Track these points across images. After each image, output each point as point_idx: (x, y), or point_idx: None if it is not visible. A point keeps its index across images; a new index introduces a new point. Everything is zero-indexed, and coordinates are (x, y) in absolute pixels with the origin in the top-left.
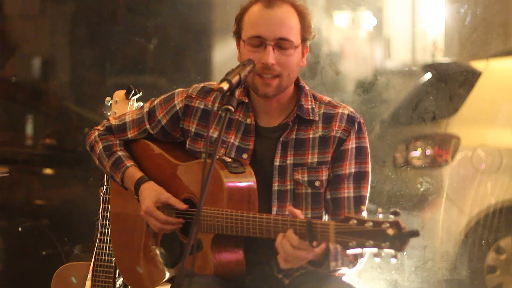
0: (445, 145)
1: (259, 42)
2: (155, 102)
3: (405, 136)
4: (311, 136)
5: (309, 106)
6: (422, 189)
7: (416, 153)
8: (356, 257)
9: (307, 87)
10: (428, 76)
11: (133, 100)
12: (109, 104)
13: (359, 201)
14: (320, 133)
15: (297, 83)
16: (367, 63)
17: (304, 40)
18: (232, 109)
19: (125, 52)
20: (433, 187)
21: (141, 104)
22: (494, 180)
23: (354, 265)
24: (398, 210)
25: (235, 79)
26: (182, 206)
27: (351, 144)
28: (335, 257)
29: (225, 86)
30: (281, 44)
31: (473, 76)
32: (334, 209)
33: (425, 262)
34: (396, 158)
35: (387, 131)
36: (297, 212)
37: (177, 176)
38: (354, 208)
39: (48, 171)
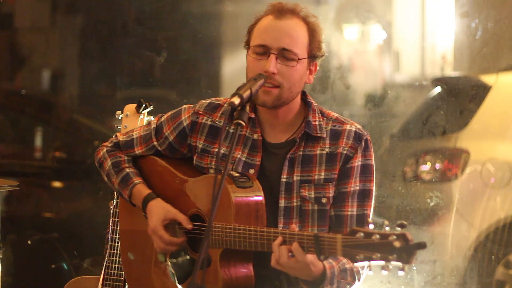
0: (455, 159)
1: (264, 51)
2: (162, 119)
3: (415, 150)
4: (318, 152)
5: (317, 123)
6: (431, 204)
7: (426, 167)
8: (354, 278)
9: (314, 103)
10: (437, 90)
11: (144, 113)
12: (119, 118)
13: (361, 219)
14: (327, 150)
15: (304, 99)
16: (377, 76)
17: (312, 56)
18: (243, 123)
19: (135, 65)
20: (443, 201)
21: (152, 118)
22: (503, 195)
23: (351, 285)
24: (404, 222)
25: (246, 94)
26: (187, 225)
27: (357, 162)
28: (331, 281)
29: (237, 100)
30: (284, 54)
31: (483, 91)
32: (337, 226)
33: (435, 277)
34: (405, 172)
35: (396, 145)
36: (292, 227)
37: (185, 192)
38: (356, 226)
39: (57, 184)
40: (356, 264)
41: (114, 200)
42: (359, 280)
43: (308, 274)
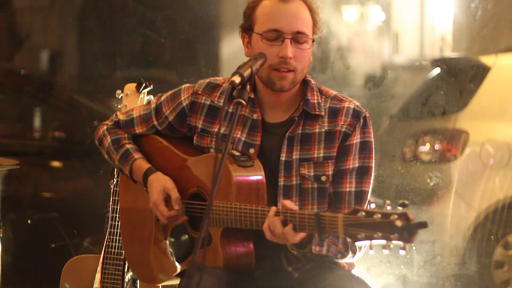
0: (454, 140)
1: (276, 36)
2: (162, 98)
3: (414, 131)
4: (317, 131)
5: (315, 101)
6: (431, 184)
7: (425, 148)
8: (347, 247)
9: (312, 81)
10: (437, 70)
11: (144, 93)
12: (119, 97)
13: (360, 196)
14: (326, 128)
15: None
16: (376, 57)
17: (314, 34)
18: (244, 102)
19: (134, 45)
20: (442, 182)
21: (152, 97)
22: (502, 175)
23: (344, 256)
24: (406, 201)
25: (246, 73)
26: (175, 205)
27: (356, 139)
28: (320, 243)
29: (237, 79)
30: (297, 38)
31: (482, 71)
32: (335, 203)
33: (434, 257)
34: (405, 152)
35: (396, 126)
36: (288, 204)
37: (185, 170)
38: (355, 203)
39: (57, 163)
40: (358, 243)
41: (114, 179)
42: (353, 252)
43: (298, 238)
